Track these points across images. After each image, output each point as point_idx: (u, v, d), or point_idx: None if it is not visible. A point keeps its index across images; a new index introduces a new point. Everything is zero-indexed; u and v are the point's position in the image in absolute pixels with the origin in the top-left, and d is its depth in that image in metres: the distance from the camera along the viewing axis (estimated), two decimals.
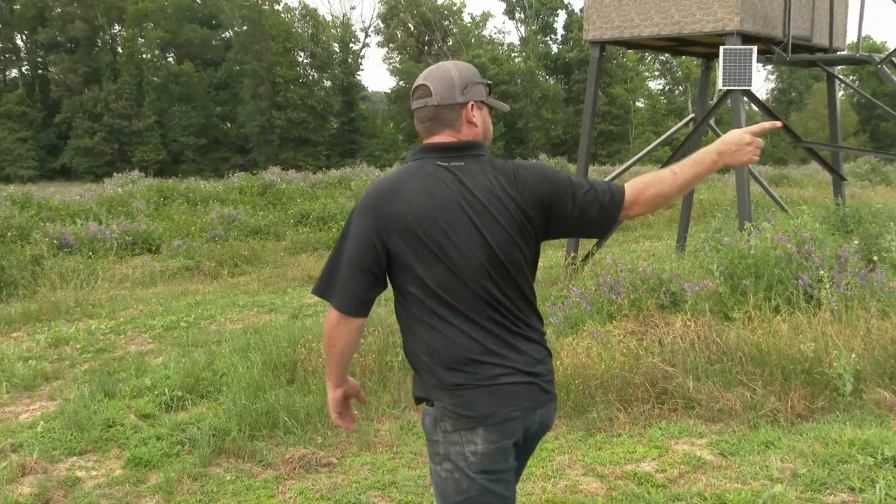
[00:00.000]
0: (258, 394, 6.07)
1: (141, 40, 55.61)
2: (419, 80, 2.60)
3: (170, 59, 59.79)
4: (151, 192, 20.45)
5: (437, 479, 2.53)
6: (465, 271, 2.44)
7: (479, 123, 2.58)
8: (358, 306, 2.48)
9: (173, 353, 8.10)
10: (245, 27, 57.10)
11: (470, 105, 2.56)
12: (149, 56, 56.21)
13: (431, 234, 2.42)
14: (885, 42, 56.45)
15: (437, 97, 2.53)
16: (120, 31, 57.50)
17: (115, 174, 24.61)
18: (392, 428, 5.75)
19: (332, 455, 5.28)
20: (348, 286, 2.46)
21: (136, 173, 24.09)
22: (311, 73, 58.70)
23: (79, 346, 8.55)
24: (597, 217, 2.53)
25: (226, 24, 59.63)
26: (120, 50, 55.93)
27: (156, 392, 6.51)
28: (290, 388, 6.31)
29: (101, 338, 8.98)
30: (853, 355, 5.69)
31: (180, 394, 6.46)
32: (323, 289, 2.52)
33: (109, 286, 12.61)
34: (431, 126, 2.56)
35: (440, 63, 2.65)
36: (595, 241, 12.88)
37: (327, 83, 58.90)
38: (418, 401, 2.58)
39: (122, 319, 9.99)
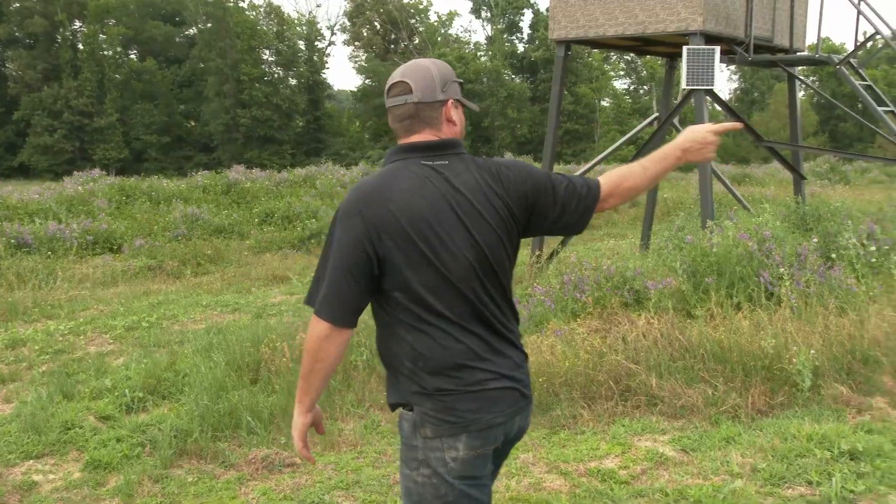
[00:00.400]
0: (221, 394, 6.01)
1: (102, 37, 54.80)
2: (397, 77, 2.51)
3: (132, 56, 59.04)
4: (113, 190, 20.17)
5: (410, 483, 2.44)
6: (454, 273, 2.38)
7: (457, 122, 2.54)
8: (348, 316, 2.37)
9: (134, 354, 7.99)
10: (209, 24, 56.57)
11: (450, 103, 2.51)
12: (110, 53, 55.42)
13: (424, 235, 2.35)
14: (844, 44, 57.37)
15: (418, 94, 2.46)
16: (81, 27, 56.66)
17: (75, 172, 24.20)
18: (356, 427, 5.73)
19: (295, 455, 5.24)
20: (338, 295, 2.34)
21: (97, 171, 23.75)
22: (277, 71, 58.31)
23: (37, 347, 8.40)
24: (575, 210, 2.54)
25: (189, 21, 59.02)
26: (81, 46, 55.10)
27: (116, 393, 6.42)
28: (254, 388, 6.26)
29: (60, 339, 8.83)
30: (812, 351, 5.78)
31: (141, 395, 6.38)
32: (313, 301, 2.39)
33: (69, 286, 12.41)
34: (411, 124, 2.48)
35: (417, 60, 2.58)
36: (561, 238, 12.94)
37: (293, 81, 58.56)
38: (394, 406, 2.50)
39: (81, 320, 9.84)
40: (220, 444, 5.41)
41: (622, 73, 64.59)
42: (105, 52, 55.05)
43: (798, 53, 12.53)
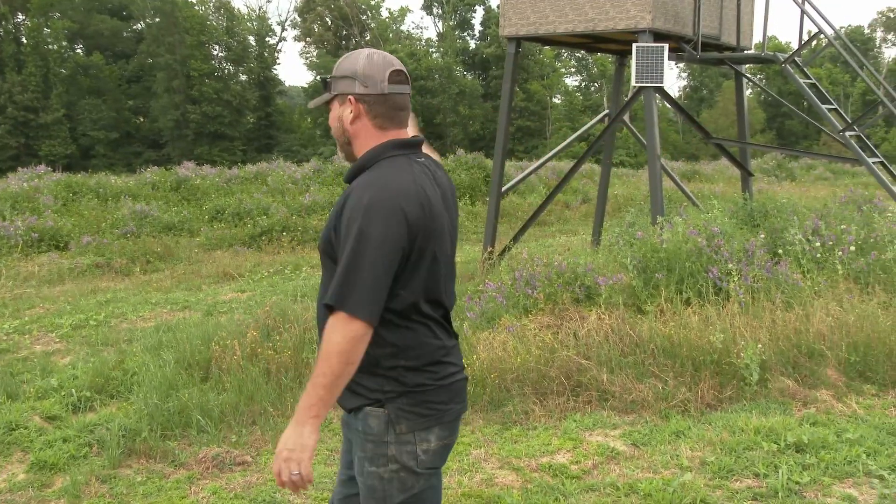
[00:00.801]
0: (171, 392, 5.92)
1: (47, 30, 53.56)
2: (397, 65, 2.45)
3: (78, 51, 57.85)
4: (59, 187, 19.77)
5: (375, 481, 2.42)
6: (445, 272, 2.44)
7: None
8: (378, 316, 2.28)
9: (82, 353, 7.85)
10: (157, 19, 55.64)
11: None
12: (55, 47, 54.21)
13: (442, 235, 2.39)
14: (790, 42, 58.46)
15: (408, 87, 2.50)
16: (24, 20, 55.33)
17: (20, 168, 23.69)
18: None
19: (246, 453, 5.19)
20: (376, 294, 2.24)
21: (42, 168, 23.26)
22: (227, 67, 57.60)
23: None
24: None
25: (137, 15, 57.97)
26: (24, 40, 53.80)
27: (62, 393, 6.30)
28: (204, 386, 6.18)
29: (4, 338, 8.64)
30: (759, 346, 5.89)
31: (88, 394, 6.27)
32: (345, 300, 2.23)
33: (13, 284, 12.15)
34: (405, 117, 2.48)
35: (380, 50, 2.54)
36: (512, 234, 13.00)
37: (243, 77, 57.91)
38: (357, 408, 2.43)
39: (27, 319, 9.63)
40: (169, 443, 5.33)
41: (573, 70, 65.06)
42: (50, 47, 53.78)
43: (745, 52, 12.74)
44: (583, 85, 65.28)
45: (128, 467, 5.05)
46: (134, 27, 59.99)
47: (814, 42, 11.74)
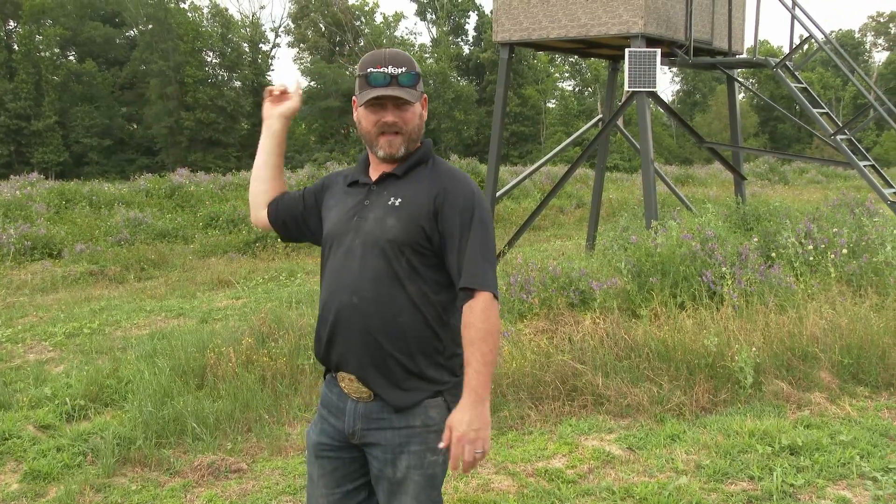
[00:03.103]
0: (165, 400, 5.91)
1: (38, 37, 53.46)
2: None
3: (70, 58, 57.73)
4: (52, 194, 19.74)
5: (438, 469, 2.52)
6: None
7: (356, 119, 2.59)
8: None
9: (75, 361, 7.83)
10: (150, 26, 55.57)
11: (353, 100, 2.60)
12: (48, 54, 54.10)
13: None
14: (782, 46, 58.63)
15: None
16: (16, 27, 55.21)
17: (12, 176, 23.65)
18: (303, 431, 5.67)
19: (241, 461, 5.18)
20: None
21: (35, 175, 23.22)
22: (221, 73, 57.52)
23: None
24: None
25: (130, 22, 57.90)
26: (16, 47, 53.69)
27: (56, 402, 6.27)
28: (199, 393, 6.18)
29: None
30: (753, 349, 5.90)
31: (83, 403, 6.24)
32: (487, 282, 2.40)
33: (6, 293, 12.12)
34: None
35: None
36: (507, 239, 13.01)
37: (237, 83, 57.84)
38: (417, 403, 2.48)
39: (20, 327, 9.60)
40: (164, 451, 5.32)
41: (567, 74, 65.17)
42: (42, 54, 53.69)
43: (737, 56, 12.79)
44: (577, 89, 65.39)
45: (122, 476, 5.04)
46: (127, 34, 59.88)
47: (805, 46, 11.79)
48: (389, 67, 2.45)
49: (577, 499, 4.40)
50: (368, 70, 2.45)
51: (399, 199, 2.48)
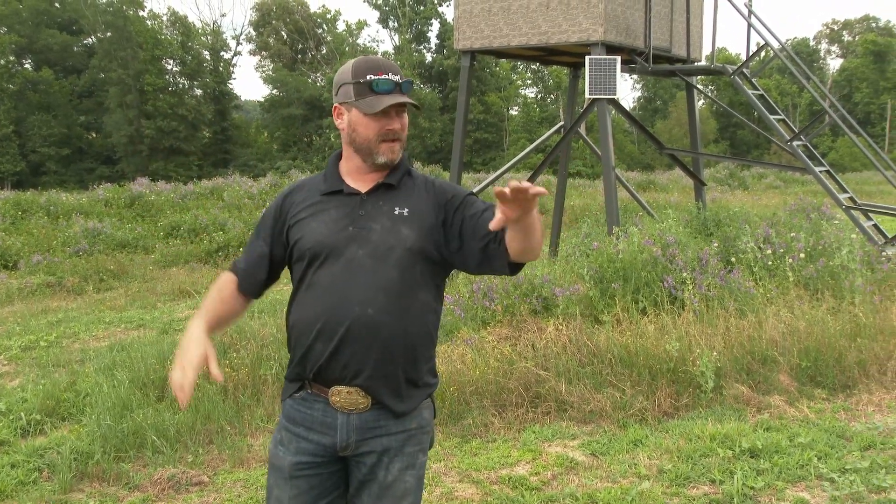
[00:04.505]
0: (125, 413, 5.82)
1: None
2: None
3: (27, 66, 56.82)
4: (8, 205, 19.45)
5: (423, 469, 2.56)
6: None
7: (339, 127, 2.53)
8: None
9: (32, 375, 7.69)
10: (109, 33, 54.89)
11: (334, 108, 2.55)
12: (2, 62, 53.22)
13: None
14: (740, 54, 59.50)
15: None
16: None
17: None
18: (265, 442, 5.62)
19: (203, 473, 5.11)
20: None
21: None
22: (182, 82, 57.01)
23: None
24: None
25: (88, 29, 57.14)
26: None
27: (11, 417, 6.15)
28: (160, 405, 6.09)
29: None
30: (714, 353, 5.96)
31: (39, 417, 6.13)
32: None
33: None
34: None
35: None
36: None
37: (198, 92, 57.36)
38: (414, 408, 2.51)
39: None
40: (123, 465, 5.24)
41: (529, 82, 65.54)
42: None
43: (695, 63, 12.95)
44: (539, 97, 65.78)
45: (80, 491, 4.95)
46: (85, 42, 59.09)
47: (761, 54, 11.98)
48: (391, 74, 2.44)
49: None
50: (370, 77, 2.42)
51: (406, 209, 2.45)
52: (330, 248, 2.42)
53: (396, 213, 2.44)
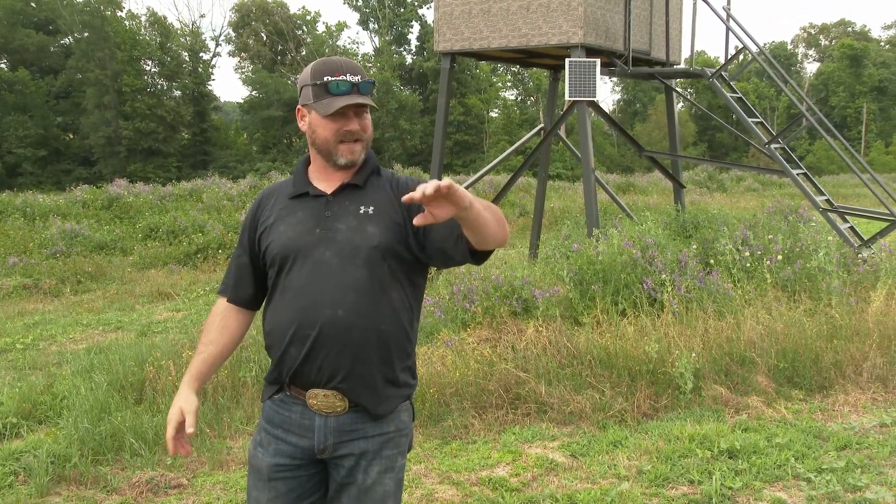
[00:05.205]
0: (102, 416, 5.77)
1: None
2: None
3: (2, 66, 56.26)
4: None
5: (403, 472, 2.55)
6: None
7: (304, 129, 2.50)
8: None
9: (7, 378, 7.62)
10: (86, 34, 54.44)
11: (297, 110, 2.53)
12: None
13: None
14: (718, 57, 60.02)
15: None
16: None
17: None
18: (245, 445, 5.60)
19: (182, 476, 5.08)
20: None
21: None
22: (160, 83, 56.61)
23: None
24: None
25: (65, 29, 56.65)
26: None
27: None
28: (138, 408, 6.05)
29: None
30: (693, 354, 6.00)
31: (15, 420, 6.06)
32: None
33: None
34: None
35: None
36: None
37: (177, 93, 56.99)
38: (392, 410, 2.50)
39: None
40: (101, 468, 5.20)
41: (510, 84, 65.66)
42: None
43: (674, 66, 13.03)
44: (519, 99, 65.91)
45: (57, 495, 4.91)
46: (61, 42, 58.58)
47: (740, 57, 12.07)
48: (348, 75, 2.41)
49: None
50: (326, 78, 2.40)
51: (372, 208, 2.43)
52: (297, 251, 2.42)
53: (362, 211, 2.43)
